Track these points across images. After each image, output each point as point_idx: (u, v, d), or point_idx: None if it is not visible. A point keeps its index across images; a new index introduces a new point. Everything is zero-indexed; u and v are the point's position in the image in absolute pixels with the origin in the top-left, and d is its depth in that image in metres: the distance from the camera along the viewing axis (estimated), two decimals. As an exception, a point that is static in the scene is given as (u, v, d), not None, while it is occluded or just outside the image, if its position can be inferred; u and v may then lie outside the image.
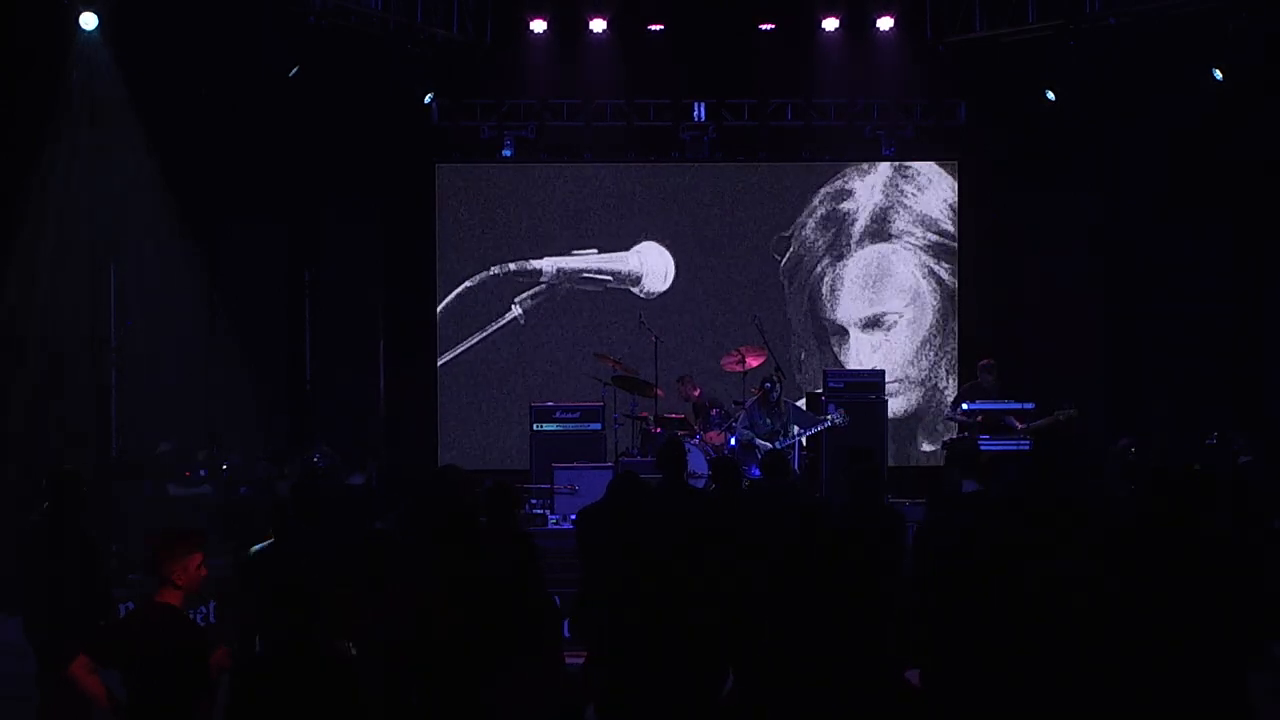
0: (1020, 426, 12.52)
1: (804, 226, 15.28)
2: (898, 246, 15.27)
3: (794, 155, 15.26)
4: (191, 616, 5.67)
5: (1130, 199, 14.60)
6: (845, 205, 15.28)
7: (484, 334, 15.11)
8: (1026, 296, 15.05)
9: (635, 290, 15.22)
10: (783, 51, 14.62)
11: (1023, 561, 6.03)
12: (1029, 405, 12.69)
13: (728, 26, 14.40)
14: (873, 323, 15.30)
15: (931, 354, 15.21)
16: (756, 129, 15.10)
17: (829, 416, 12.40)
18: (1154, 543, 5.85)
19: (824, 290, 15.30)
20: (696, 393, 13.32)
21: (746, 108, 15.00)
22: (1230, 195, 14.10)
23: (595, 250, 15.18)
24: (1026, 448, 12.19)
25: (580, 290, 15.18)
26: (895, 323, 15.28)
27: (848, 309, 15.32)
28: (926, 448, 15.18)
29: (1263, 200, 13.95)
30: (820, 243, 15.28)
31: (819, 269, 15.29)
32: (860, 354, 15.21)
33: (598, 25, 14.28)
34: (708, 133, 14.98)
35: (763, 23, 14.52)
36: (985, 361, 13.02)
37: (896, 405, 14.84)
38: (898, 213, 15.28)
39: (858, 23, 14.39)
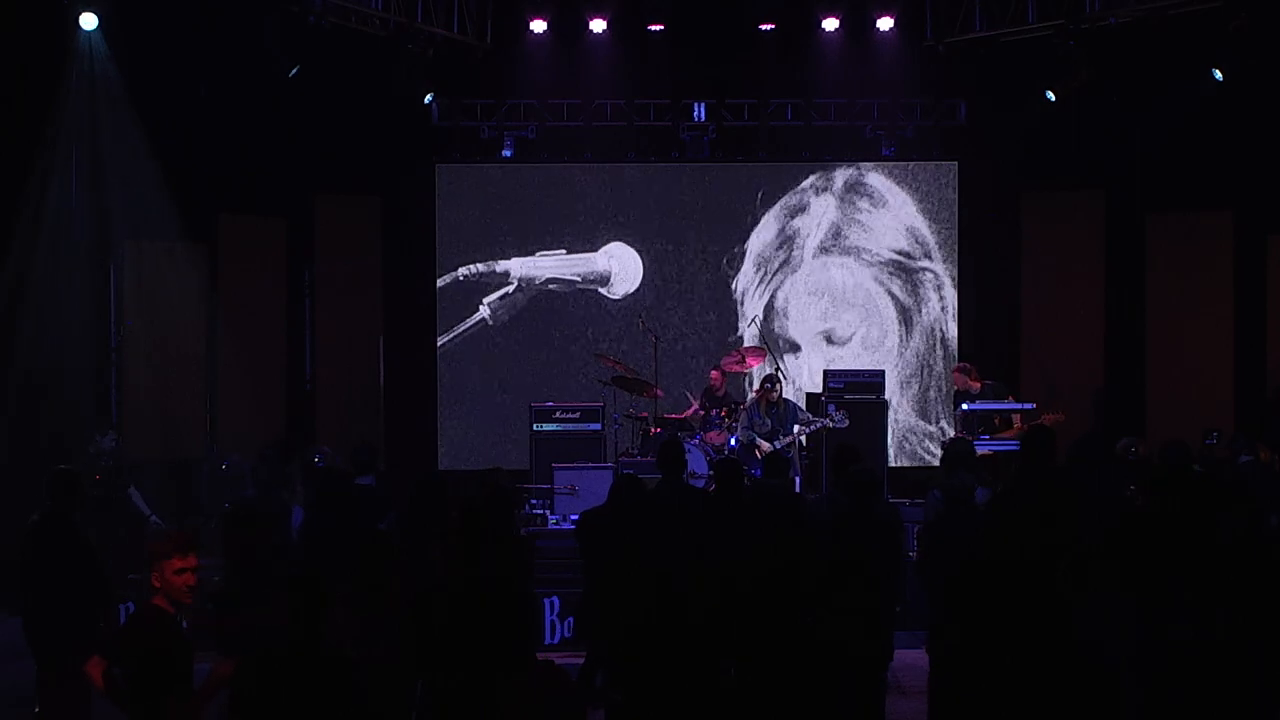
0: (1019, 429, 12.51)
1: (757, 242, 15.19)
2: (851, 262, 15.19)
3: (794, 155, 15.24)
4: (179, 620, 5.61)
5: (1130, 199, 14.61)
6: (798, 221, 15.19)
7: (451, 335, 15.08)
8: (1026, 296, 15.05)
9: (604, 291, 15.19)
10: (783, 51, 14.61)
11: (1020, 559, 6.04)
12: (1029, 406, 12.69)
13: (728, 26, 14.38)
14: (826, 338, 15.24)
15: (890, 371, 14.98)
16: (756, 129, 15.10)
17: (829, 416, 12.40)
18: (1158, 542, 5.85)
19: (778, 305, 15.22)
20: (721, 391, 13.16)
21: (746, 108, 14.99)
22: (1230, 195, 14.11)
23: (564, 250, 15.16)
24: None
25: (551, 291, 15.13)
26: (849, 338, 15.22)
27: (801, 324, 15.23)
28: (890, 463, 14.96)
29: (1263, 200, 13.96)
30: (774, 258, 15.20)
31: (773, 284, 15.22)
32: (814, 369, 14.93)
33: (598, 25, 14.26)
34: (708, 133, 14.98)
35: (763, 23, 14.49)
36: (958, 365, 13.08)
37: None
38: (852, 229, 15.20)
39: (857, 23, 14.36)
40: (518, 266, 15.13)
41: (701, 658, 6.08)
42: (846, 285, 15.21)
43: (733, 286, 15.20)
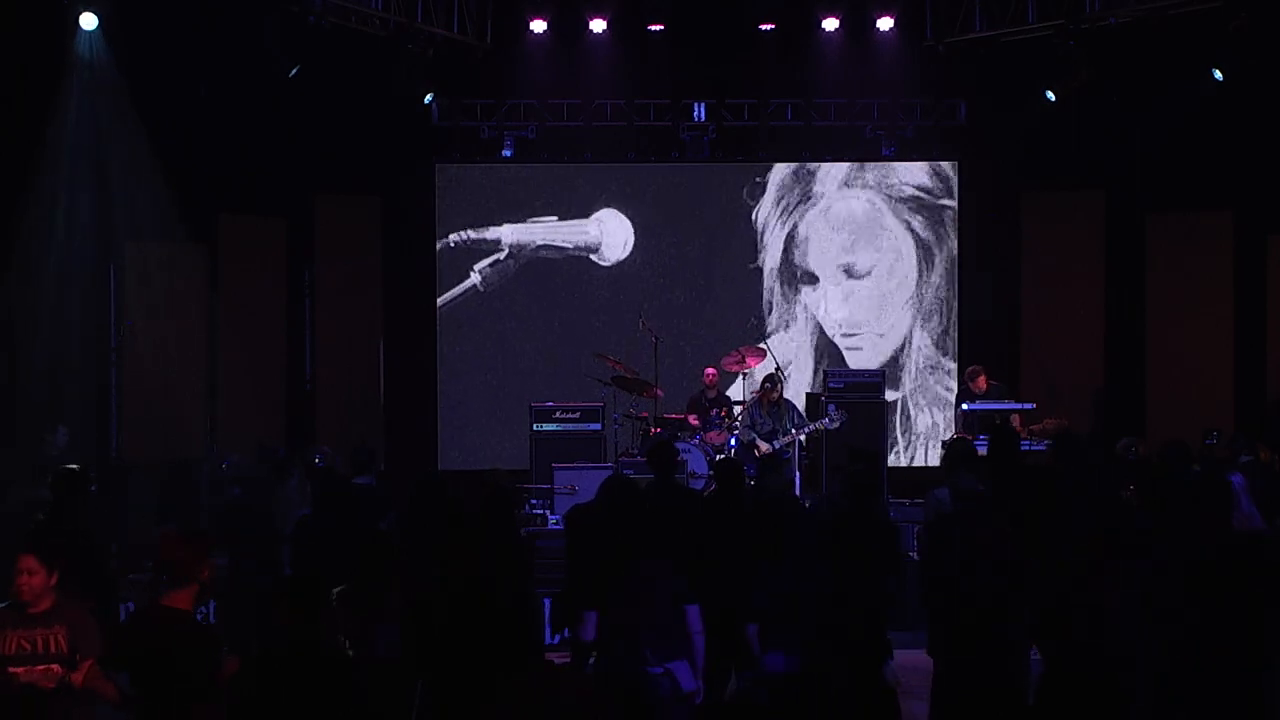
0: (1033, 427, 12.51)
1: (780, 172, 15.25)
2: (874, 196, 15.24)
3: (794, 155, 15.24)
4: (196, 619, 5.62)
5: (1130, 199, 14.61)
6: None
7: (443, 302, 15.09)
8: (1026, 296, 15.05)
9: (595, 258, 15.21)
10: (783, 51, 14.61)
11: (1020, 559, 6.04)
12: (1029, 405, 12.71)
13: (728, 26, 14.38)
14: (846, 271, 15.27)
15: (907, 307, 15.19)
16: (756, 129, 15.11)
17: (828, 416, 12.41)
18: (1160, 544, 5.85)
19: (798, 238, 15.26)
20: (714, 392, 13.15)
21: (746, 108, 15.00)
22: (1230, 195, 14.11)
23: (555, 218, 15.16)
24: (1025, 447, 12.15)
25: (542, 258, 15.14)
26: (868, 272, 15.26)
27: (821, 257, 15.26)
28: (889, 395, 15.03)
29: (1263, 200, 13.96)
30: (795, 190, 15.24)
31: (793, 217, 15.24)
32: (832, 303, 15.18)
33: (598, 25, 14.26)
34: (708, 133, 14.98)
35: (763, 23, 14.49)
36: (970, 368, 13.10)
37: (865, 358, 15.04)
38: (874, 164, 15.25)
39: (857, 23, 14.37)
40: (509, 233, 15.14)
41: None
42: (868, 219, 15.27)
43: (753, 217, 15.25)
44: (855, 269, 15.28)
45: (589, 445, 12.94)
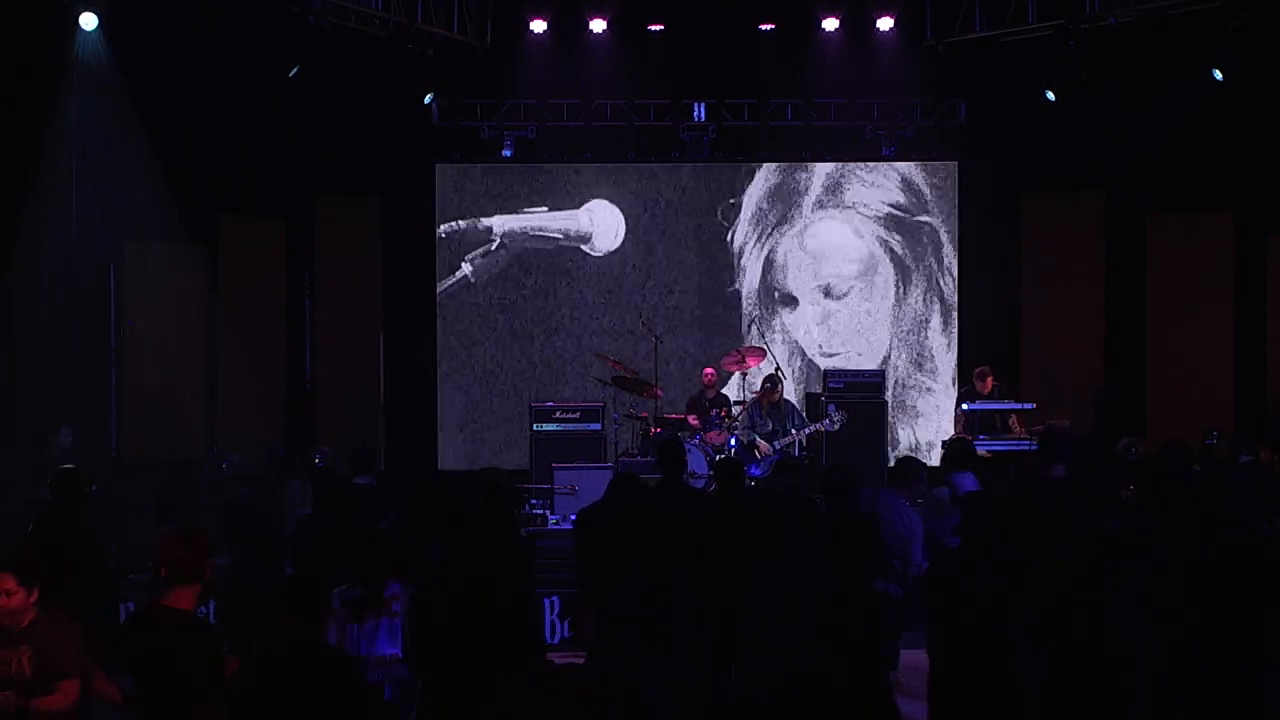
0: (1019, 430, 12.53)
1: (754, 195, 15.24)
2: (851, 216, 15.24)
3: (794, 155, 15.25)
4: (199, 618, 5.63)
5: (1130, 199, 14.62)
6: (798, 175, 15.26)
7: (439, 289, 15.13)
8: (1026, 296, 15.06)
9: (586, 248, 15.21)
10: (783, 51, 14.61)
11: (1020, 561, 6.04)
12: (1029, 406, 12.71)
13: (728, 26, 14.38)
14: (824, 291, 15.27)
15: (885, 325, 15.20)
16: (756, 129, 15.11)
17: (828, 416, 12.42)
18: (1160, 544, 5.85)
19: (776, 259, 15.25)
20: (713, 393, 13.15)
21: (746, 108, 15.00)
22: (1230, 195, 14.12)
23: (545, 207, 15.17)
24: (1025, 448, 12.18)
25: (533, 249, 15.13)
26: (847, 292, 15.26)
27: (798, 278, 15.25)
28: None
29: (1263, 200, 13.97)
30: (772, 211, 15.25)
31: (770, 237, 15.25)
32: (810, 323, 15.19)
33: (598, 25, 14.26)
34: (708, 133, 14.99)
35: (763, 23, 14.50)
36: (978, 369, 13.12)
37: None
38: (850, 183, 15.25)
39: (857, 23, 14.37)
40: (500, 223, 15.14)
41: (700, 658, 6.08)
42: (845, 239, 15.24)
43: (729, 239, 15.24)
44: (834, 290, 15.27)
45: (589, 445, 12.94)
